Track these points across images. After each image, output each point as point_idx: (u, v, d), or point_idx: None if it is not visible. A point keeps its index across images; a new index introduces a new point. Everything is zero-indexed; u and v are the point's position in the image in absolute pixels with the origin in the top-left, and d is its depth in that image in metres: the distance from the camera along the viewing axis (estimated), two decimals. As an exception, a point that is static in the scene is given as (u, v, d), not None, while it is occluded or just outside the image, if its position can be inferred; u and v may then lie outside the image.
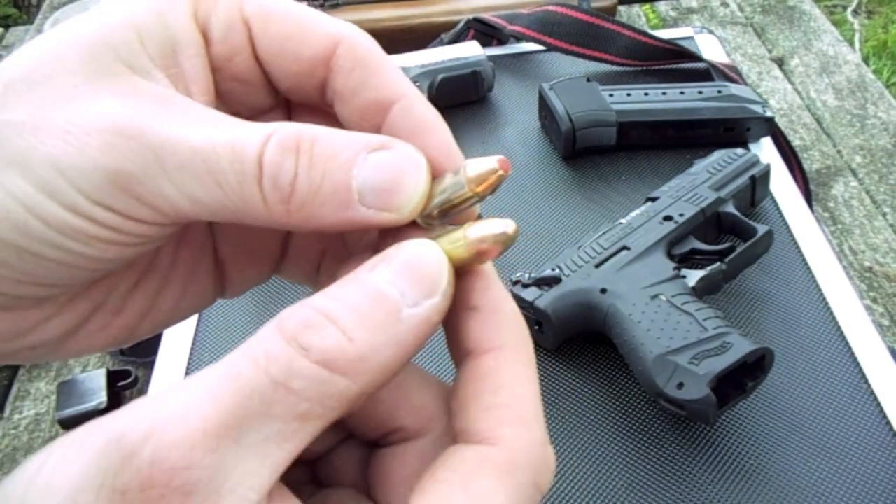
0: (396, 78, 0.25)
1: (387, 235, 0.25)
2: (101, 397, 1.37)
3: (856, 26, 2.39)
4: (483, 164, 0.23)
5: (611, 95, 0.82)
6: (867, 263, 1.67)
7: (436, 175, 0.24)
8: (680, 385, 0.54)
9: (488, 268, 0.25)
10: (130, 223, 0.23)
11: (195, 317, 0.71)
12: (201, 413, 0.19)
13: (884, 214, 1.78)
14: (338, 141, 0.23)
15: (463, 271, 0.24)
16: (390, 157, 0.23)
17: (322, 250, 0.30)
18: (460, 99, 0.90)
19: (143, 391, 1.33)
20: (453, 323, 0.25)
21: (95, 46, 0.23)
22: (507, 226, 0.23)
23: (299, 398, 0.20)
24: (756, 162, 0.73)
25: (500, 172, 0.23)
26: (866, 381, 0.60)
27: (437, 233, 0.24)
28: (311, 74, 0.26)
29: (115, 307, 0.27)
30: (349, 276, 0.23)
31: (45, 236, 0.22)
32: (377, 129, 0.25)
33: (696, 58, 0.92)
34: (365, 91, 0.25)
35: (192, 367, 0.67)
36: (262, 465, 0.20)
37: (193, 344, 0.69)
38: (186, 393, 0.20)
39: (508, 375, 0.24)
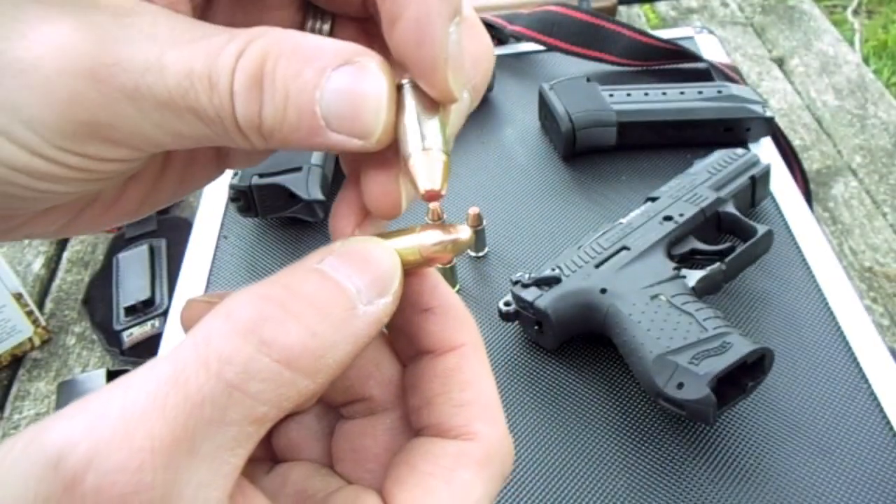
0: None
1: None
2: (101, 397, 1.37)
3: (856, 26, 2.39)
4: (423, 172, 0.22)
5: (611, 95, 0.82)
6: (867, 263, 1.67)
7: (410, 65, 0.21)
8: (680, 385, 0.54)
9: (431, 269, 0.25)
10: (105, 164, 0.21)
11: (195, 317, 0.71)
12: (148, 429, 0.18)
13: (884, 214, 1.78)
14: (302, 56, 0.20)
15: (410, 273, 0.24)
16: (349, 76, 0.20)
17: None
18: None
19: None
20: (404, 324, 0.25)
21: None
22: (461, 232, 0.23)
23: (256, 401, 0.19)
24: (756, 162, 0.73)
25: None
26: (866, 381, 0.60)
27: (390, 233, 0.23)
28: None
29: (111, 199, 0.26)
30: (296, 264, 0.22)
31: (10, 178, 0.21)
32: None
33: (696, 58, 0.92)
34: None
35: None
36: (218, 474, 0.19)
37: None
38: (129, 403, 0.18)
39: (472, 372, 0.24)
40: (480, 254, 0.74)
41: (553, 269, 0.64)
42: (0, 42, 0.20)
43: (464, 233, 0.23)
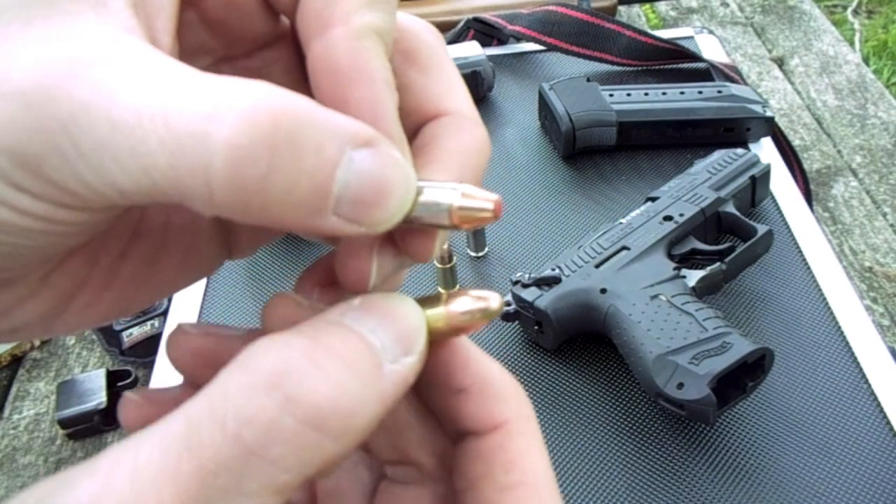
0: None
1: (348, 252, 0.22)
2: (101, 397, 1.38)
3: (856, 26, 2.39)
4: (477, 201, 0.20)
5: (611, 95, 0.82)
6: (867, 263, 1.67)
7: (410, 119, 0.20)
8: (680, 385, 0.54)
9: (462, 340, 0.22)
10: (61, 211, 0.18)
11: (196, 314, 0.71)
12: (158, 500, 0.16)
13: (884, 214, 1.78)
14: (326, 129, 0.18)
15: (439, 343, 0.22)
16: (373, 158, 0.18)
17: None
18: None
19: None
20: (442, 405, 0.23)
21: None
22: (491, 300, 0.21)
23: (277, 468, 0.17)
24: (756, 162, 0.73)
25: (490, 215, 0.20)
26: (866, 381, 0.60)
27: (416, 300, 0.21)
28: None
29: (102, 282, 0.23)
30: (314, 319, 0.19)
31: None
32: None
33: (696, 58, 0.92)
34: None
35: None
36: None
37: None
38: (140, 466, 0.16)
39: (518, 451, 0.22)
40: (480, 254, 0.74)
41: (553, 269, 0.64)
42: None
43: (494, 301, 0.21)
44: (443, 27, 1.03)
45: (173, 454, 0.16)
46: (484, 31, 0.99)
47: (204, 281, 0.73)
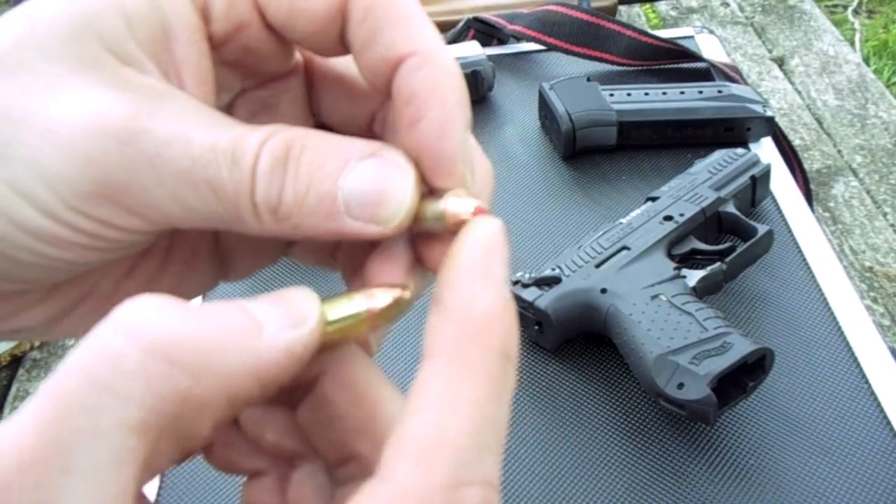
0: (412, 30, 0.22)
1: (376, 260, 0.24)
2: (101, 397, 1.37)
3: (856, 26, 2.39)
4: (461, 205, 0.22)
5: (611, 95, 0.82)
6: (868, 263, 1.67)
7: (427, 159, 0.22)
8: (680, 385, 0.54)
9: (468, 258, 0.21)
10: (114, 231, 0.21)
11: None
12: (20, 444, 0.16)
13: (884, 214, 1.78)
14: (327, 148, 0.22)
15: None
16: (375, 167, 0.22)
17: None
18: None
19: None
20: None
21: (78, 30, 0.21)
22: (377, 299, 0.22)
23: (129, 402, 0.17)
24: (756, 162, 0.73)
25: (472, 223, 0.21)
26: (867, 382, 0.60)
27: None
28: (328, 31, 0.23)
29: (106, 294, 0.25)
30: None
31: (18, 240, 0.21)
32: (388, 89, 0.23)
33: (696, 57, 0.92)
34: (375, 44, 0.22)
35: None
36: (101, 496, 0.16)
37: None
38: (10, 423, 0.17)
39: (433, 395, 0.19)
40: (480, 254, 0.74)
41: (553, 269, 0.64)
42: (37, 104, 0.20)
43: (382, 300, 0.22)
44: (443, 27, 1.03)
45: (40, 402, 0.17)
46: (484, 30, 0.99)
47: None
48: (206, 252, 0.27)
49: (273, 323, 0.20)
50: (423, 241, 0.24)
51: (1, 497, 0.16)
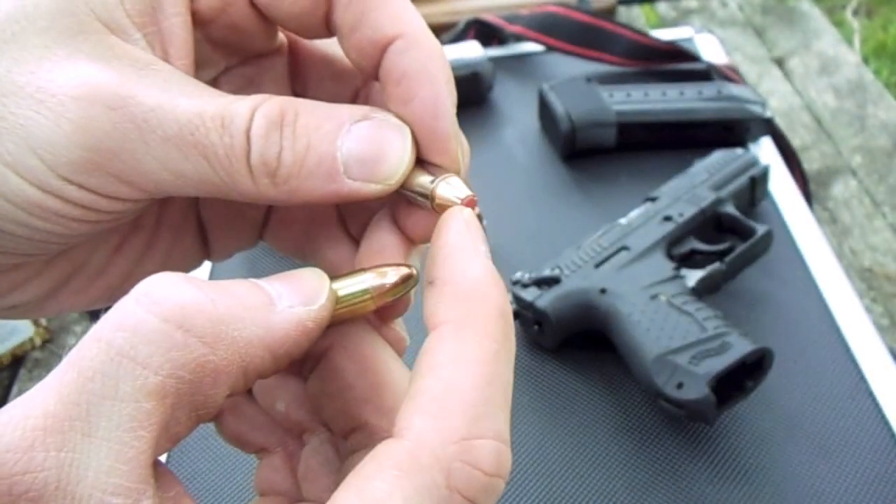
0: (397, 12, 0.23)
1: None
2: (102, 397, 1.38)
3: (855, 26, 2.39)
4: (455, 191, 0.23)
5: (611, 96, 0.82)
6: (867, 263, 1.67)
7: (421, 136, 0.23)
8: (679, 385, 0.54)
9: (454, 238, 0.22)
10: (105, 201, 0.22)
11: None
12: (43, 408, 0.17)
13: (883, 214, 1.78)
14: (321, 113, 0.22)
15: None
16: (371, 128, 0.22)
17: (309, 217, 0.28)
18: (460, 100, 0.88)
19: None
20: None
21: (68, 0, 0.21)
22: (388, 276, 0.23)
23: (147, 369, 0.17)
24: (755, 162, 0.74)
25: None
26: (865, 382, 0.60)
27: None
28: (313, 12, 0.23)
29: (97, 269, 0.26)
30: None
31: (10, 214, 0.21)
32: (375, 70, 0.23)
33: (695, 58, 0.92)
34: (362, 26, 0.23)
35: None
36: (120, 459, 0.17)
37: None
38: (35, 389, 0.18)
39: (442, 356, 0.20)
40: (480, 254, 0.74)
41: (553, 269, 0.64)
42: (25, 75, 0.21)
43: (390, 277, 0.23)
44: (443, 27, 1.03)
45: (61, 369, 0.18)
46: (484, 31, 0.99)
47: (206, 277, 0.73)
48: (192, 229, 0.28)
49: (286, 299, 0.21)
50: (404, 210, 0.25)
51: (25, 457, 0.16)
